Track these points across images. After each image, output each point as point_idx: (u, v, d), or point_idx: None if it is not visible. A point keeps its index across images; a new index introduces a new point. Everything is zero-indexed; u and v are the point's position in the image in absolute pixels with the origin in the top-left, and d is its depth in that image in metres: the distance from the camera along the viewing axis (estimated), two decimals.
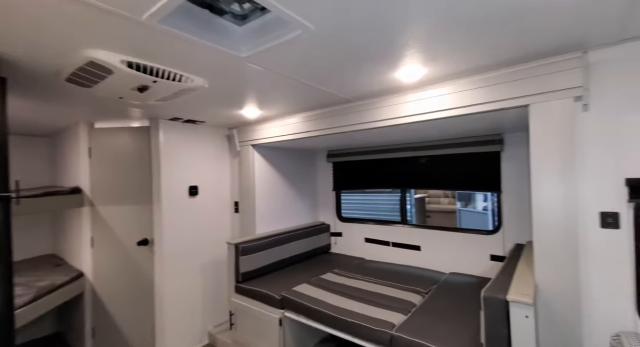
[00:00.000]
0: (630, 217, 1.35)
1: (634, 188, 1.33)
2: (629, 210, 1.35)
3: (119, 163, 2.67)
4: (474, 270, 2.49)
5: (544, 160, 1.43)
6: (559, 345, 1.39)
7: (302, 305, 2.03)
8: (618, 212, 1.37)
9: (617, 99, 1.36)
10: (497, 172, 2.36)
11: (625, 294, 1.35)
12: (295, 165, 3.28)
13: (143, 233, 2.64)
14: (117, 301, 2.64)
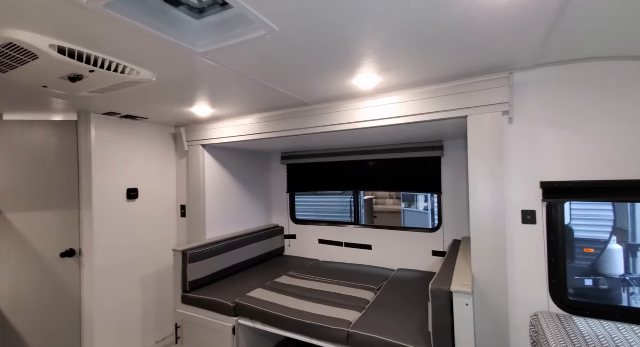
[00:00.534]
0: (544, 214, 1.60)
1: (546, 190, 1.59)
2: (543, 208, 1.60)
3: (36, 162, 2.28)
4: (418, 265, 2.69)
5: (479, 165, 1.62)
6: (490, 326, 1.58)
7: (258, 310, 1.98)
8: (535, 210, 1.62)
9: (534, 115, 1.61)
10: (438, 176, 2.59)
11: (541, 281, 1.59)
12: (248, 167, 3.19)
13: (69, 243, 2.30)
14: (33, 325, 2.24)
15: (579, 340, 1.27)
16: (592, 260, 3.06)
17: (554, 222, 1.57)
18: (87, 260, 2.28)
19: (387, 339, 1.57)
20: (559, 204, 1.58)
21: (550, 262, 1.56)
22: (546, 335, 1.32)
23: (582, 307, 1.50)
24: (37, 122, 2.29)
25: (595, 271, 3.05)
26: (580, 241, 3.15)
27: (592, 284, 3.00)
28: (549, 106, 1.58)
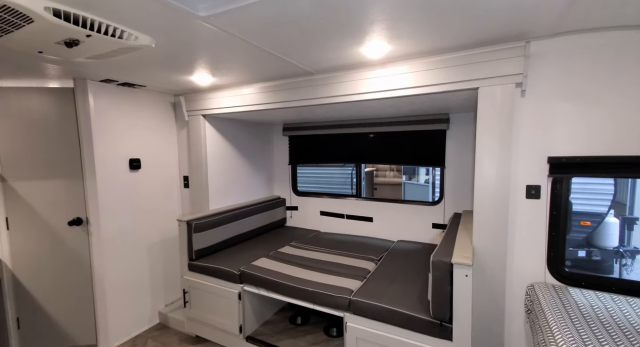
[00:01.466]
0: (549, 189, 1.60)
1: (553, 165, 1.58)
2: (548, 183, 1.60)
3: (35, 130, 2.25)
4: (418, 237, 2.75)
5: (487, 139, 1.59)
6: (487, 296, 1.65)
7: (262, 278, 2.06)
8: (540, 185, 1.62)
9: (547, 87, 1.56)
10: (442, 149, 2.57)
11: (539, 253, 1.63)
12: (250, 138, 3.15)
13: (75, 211, 2.33)
14: (46, 288, 2.35)
15: (573, 309, 1.33)
16: (587, 232, 3.14)
17: (558, 198, 1.58)
18: (95, 228, 2.32)
19: (388, 306, 1.65)
20: (565, 179, 1.58)
21: (551, 235, 1.59)
22: (541, 304, 1.38)
23: (578, 279, 1.55)
24: (33, 89, 2.22)
25: (589, 243, 3.14)
26: (578, 214, 3.21)
27: (585, 255, 3.10)
28: (564, 78, 1.52)
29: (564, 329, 1.17)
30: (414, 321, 1.57)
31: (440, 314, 1.50)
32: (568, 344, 1.07)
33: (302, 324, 2.44)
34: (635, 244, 3.19)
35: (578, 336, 1.13)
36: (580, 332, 1.16)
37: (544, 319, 1.26)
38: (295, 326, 2.41)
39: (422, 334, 1.57)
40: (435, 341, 1.54)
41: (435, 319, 1.52)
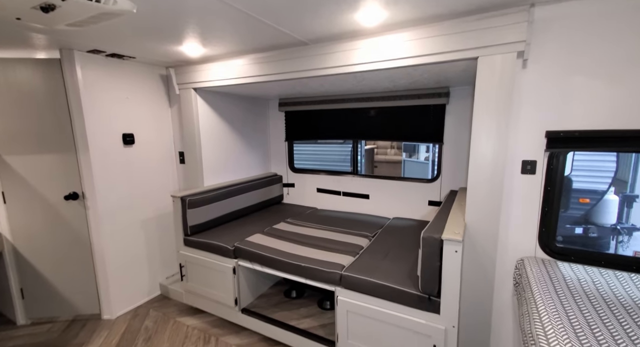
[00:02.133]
0: (544, 164, 1.57)
1: (550, 139, 1.53)
2: (544, 158, 1.57)
3: (25, 104, 2.21)
4: (414, 214, 2.76)
5: (484, 112, 1.53)
6: (477, 270, 1.67)
7: (256, 254, 2.08)
8: (536, 160, 1.58)
9: (551, 57, 1.48)
10: (441, 124, 2.51)
11: (531, 228, 1.62)
12: (245, 113, 3.09)
13: (71, 186, 2.35)
14: (48, 260, 2.41)
15: (559, 282, 1.34)
16: (585, 209, 3.13)
17: (553, 173, 1.55)
18: (92, 203, 2.34)
19: (377, 281, 1.67)
20: (562, 154, 1.54)
21: (544, 211, 1.58)
22: (529, 277, 1.39)
23: (568, 253, 1.55)
24: (19, 62, 2.16)
25: (587, 220, 3.14)
26: (577, 192, 3.18)
27: (581, 232, 3.11)
28: (569, 47, 1.44)
29: (548, 300, 1.18)
30: (402, 295, 1.60)
31: (428, 289, 1.52)
32: (550, 315, 1.08)
33: (297, 297, 2.50)
34: (634, 222, 3.18)
35: (561, 307, 1.14)
36: (564, 303, 1.17)
37: (530, 291, 1.28)
38: (289, 299, 2.47)
39: (411, 307, 1.59)
40: (423, 314, 1.57)
41: (423, 294, 1.54)
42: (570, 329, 1.02)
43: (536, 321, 1.08)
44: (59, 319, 2.49)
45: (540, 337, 0.99)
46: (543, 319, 1.06)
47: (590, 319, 1.08)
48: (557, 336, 0.98)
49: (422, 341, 1.57)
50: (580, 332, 1.01)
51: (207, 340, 2.24)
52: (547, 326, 1.03)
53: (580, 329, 1.02)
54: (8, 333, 2.33)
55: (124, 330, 2.36)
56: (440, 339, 1.52)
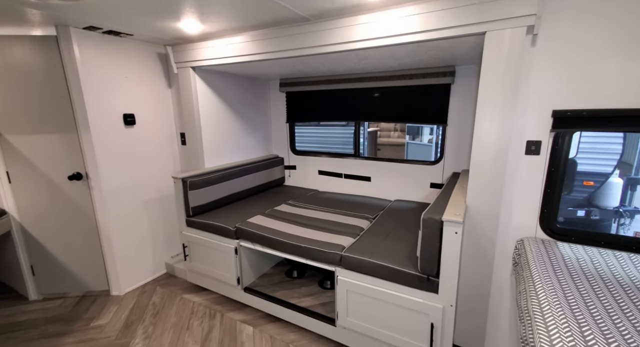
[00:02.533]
0: (549, 145, 1.54)
1: (557, 119, 1.50)
2: (550, 139, 1.54)
3: (23, 82, 2.18)
4: (415, 197, 2.76)
5: (490, 90, 1.48)
6: (477, 251, 1.68)
7: (257, 235, 2.11)
8: (541, 140, 1.56)
9: (562, 33, 1.42)
10: (445, 106, 2.46)
11: (533, 209, 1.62)
12: (246, 94, 3.04)
13: (74, 166, 2.36)
14: (56, 239, 2.47)
15: (558, 261, 1.35)
16: (589, 192, 3.11)
17: (558, 154, 1.53)
18: (95, 183, 2.36)
19: (376, 261, 1.68)
20: (567, 134, 1.51)
21: (546, 192, 1.57)
22: (527, 256, 1.40)
23: (568, 234, 1.56)
24: (15, 38, 2.11)
25: (590, 203, 3.13)
26: (582, 174, 3.15)
27: (584, 214, 3.11)
28: (581, 22, 1.38)
29: (546, 279, 1.19)
30: (401, 275, 1.61)
31: (427, 269, 1.53)
32: (547, 292, 1.10)
33: (298, 277, 2.55)
34: (637, 205, 3.17)
35: (558, 285, 1.15)
36: (562, 282, 1.18)
37: (528, 270, 1.29)
38: (291, 279, 2.52)
39: (409, 287, 1.61)
40: (421, 293, 1.59)
41: (422, 274, 1.56)
42: (567, 305, 1.03)
43: (533, 298, 1.09)
44: (69, 295, 2.57)
45: (536, 313, 1.01)
46: (540, 296, 1.08)
47: (586, 297, 1.10)
48: (553, 311, 0.99)
49: (420, 319, 1.61)
50: (576, 308, 1.02)
51: (212, 315, 2.31)
52: (543, 303, 1.04)
53: (576, 306, 1.04)
54: (21, 308, 2.42)
55: (132, 305, 2.44)
56: (437, 317, 1.55)
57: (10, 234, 2.39)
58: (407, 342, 1.67)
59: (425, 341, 1.62)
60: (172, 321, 2.26)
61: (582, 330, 0.92)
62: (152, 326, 2.21)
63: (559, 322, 0.95)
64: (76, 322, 2.25)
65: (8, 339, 2.09)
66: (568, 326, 0.93)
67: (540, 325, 0.95)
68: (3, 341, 2.07)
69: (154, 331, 2.16)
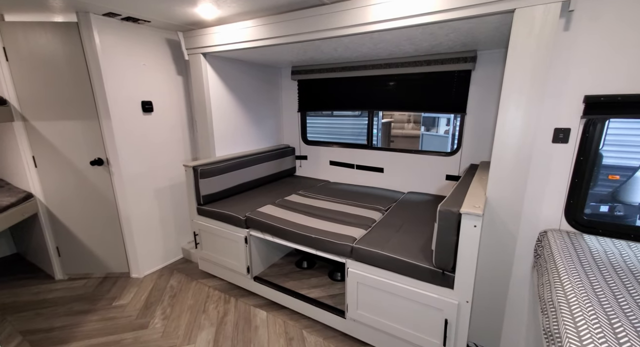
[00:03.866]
0: (579, 132, 1.47)
1: (589, 105, 1.42)
2: (580, 126, 1.46)
3: (47, 69, 2.23)
4: (430, 189, 2.69)
5: (518, 74, 1.37)
6: (496, 245, 1.59)
7: (267, 224, 2.09)
8: (570, 128, 1.48)
9: (600, 11, 1.33)
10: (465, 93, 2.37)
11: (558, 200, 1.56)
12: (257, 82, 3.01)
13: (95, 152, 2.42)
14: (79, 222, 2.56)
15: (584, 253, 1.29)
16: (614, 187, 2.98)
17: (588, 142, 1.46)
18: (116, 169, 2.42)
19: (388, 254, 1.63)
20: (600, 121, 1.43)
21: (573, 182, 1.50)
22: (551, 248, 1.35)
23: (595, 226, 1.50)
24: (39, 24, 2.15)
25: (614, 198, 2.99)
26: (608, 168, 3.02)
27: (607, 210, 2.98)
28: (625, 3, 1.28)
29: (572, 270, 1.15)
30: (414, 268, 1.55)
31: (442, 264, 1.47)
32: (573, 284, 1.06)
33: (308, 268, 2.54)
34: None
35: (585, 277, 1.11)
36: (588, 274, 1.14)
37: (552, 261, 1.24)
38: (301, 270, 2.52)
39: (423, 281, 1.56)
40: (435, 288, 1.53)
41: (437, 268, 1.49)
42: (595, 298, 0.99)
43: (558, 289, 1.06)
44: (92, 276, 2.68)
45: (562, 305, 0.97)
46: (566, 287, 1.04)
47: (616, 290, 1.05)
48: (581, 304, 0.96)
49: (434, 315, 1.56)
50: (605, 301, 0.98)
51: (227, 300, 2.36)
52: (569, 295, 1.01)
53: (605, 299, 0.99)
54: (48, 286, 2.54)
55: (151, 287, 2.52)
56: (452, 313, 1.49)
57: (37, 217, 2.49)
58: (419, 337, 1.62)
59: (438, 337, 1.57)
60: (188, 303, 2.33)
61: (611, 323, 0.88)
62: (170, 307, 2.28)
63: (586, 313, 0.91)
64: (99, 301, 2.35)
65: (37, 314, 2.20)
66: (597, 318, 0.89)
67: (566, 316, 0.92)
68: (32, 316, 2.18)
69: (172, 312, 2.23)
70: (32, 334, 2.02)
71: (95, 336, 2.00)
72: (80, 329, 2.06)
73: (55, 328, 2.07)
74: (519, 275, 1.70)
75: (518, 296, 1.73)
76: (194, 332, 2.03)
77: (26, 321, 2.13)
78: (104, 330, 2.05)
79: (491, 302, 1.70)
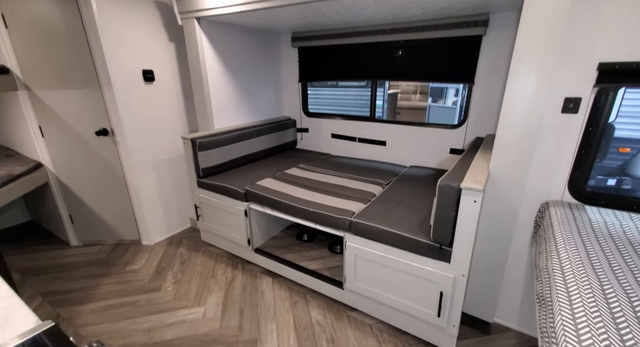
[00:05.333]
0: (590, 102, 1.42)
1: (603, 72, 1.36)
2: (591, 95, 1.41)
3: (46, 36, 2.19)
4: (432, 163, 2.63)
5: (531, 38, 1.30)
6: (496, 219, 1.58)
7: (266, 197, 2.10)
8: (581, 97, 1.43)
9: None
10: (474, 61, 2.25)
11: (562, 172, 1.54)
12: (256, 50, 2.87)
13: (100, 122, 2.43)
14: (89, 191, 2.63)
15: (584, 224, 1.31)
16: (623, 160, 2.93)
17: (599, 112, 1.41)
18: (121, 139, 2.44)
19: (386, 228, 1.63)
20: (612, 90, 1.38)
21: (580, 153, 1.48)
22: (551, 218, 1.37)
23: (598, 197, 1.49)
24: None
25: (623, 171, 2.96)
26: (619, 140, 2.95)
27: (614, 183, 2.96)
28: None
29: (569, 239, 1.16)
30: (411, 243, 1.56)
31: (440, 239, 1.46)
32: (569, 252, 1.08)
33: (308, 240, 2.56)
34: None
35: (582, 245, 1.13)
36: (586, 242, 1.16)
37: (551, 231, 1.26)
38: (301, 242, 2.54)
39: (419, 255, 1.56)
40: (432, 262, 1.54)
41: (434, 243, 1.49)
42: (589, 265, 1.02)
43: (554, 257, 1.08)
44: (105, 243, 2.80)
45: (556, 271, 1.00)
46: (561, 254, 1.06)
47: (611, 258, 1.07)
48: (574, 269, 0.98)
49: (429, 287, 1.57)
50: (599, 269, 1.01)
51: (234, 266, 2.47)
52: (564, 261, 1.03)
53: (599, 266, 1.02)
54: (64, 252, 2.67)
55: (162, 254, 2.64)
56: (448, 286, 1.50)
57: (48, 186, 2.56)
58: (413, 308, 1.66)
59: (433, 308, 1.60)
60: (198, 269, 2.44)
61: (603, 288, 0.91)
62: (180, 272, 2.40)
63: (579, 279, 0.94)
64: (113, 266, 2.48)
65: (55, 278, 2.34)
66: (589, 284, 0.92)
67: (559, 280, 0.95)
68: (50, 279, 2.32)
69: (182, 277, 2.35)
70: (52, 295, 2.16)
71: (111, 297, 2.13)
72: (96, 291, 2.19)
73: (74, 290, 2.21)
74: (518, 246, 1.73)
75: (515, 266, 1.77)
76: (203, 295, 2.15)
77: (45, 284, 2.27)
78: (119, 292, 2.18)
79: (488, 274, 1.70)
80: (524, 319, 1.83)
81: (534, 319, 1.79)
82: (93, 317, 1.96)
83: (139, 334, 1.83)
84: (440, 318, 1.58)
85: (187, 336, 1.82)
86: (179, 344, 1.77)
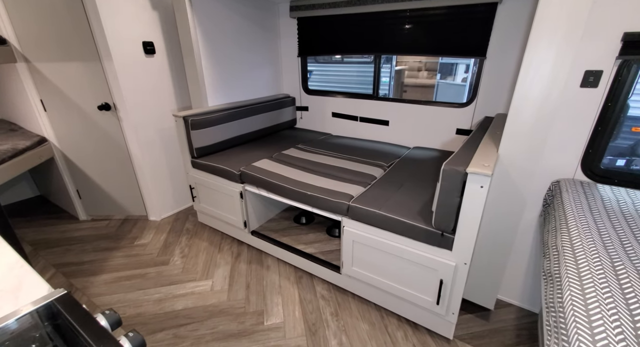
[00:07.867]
0: (612, 75, 1.35)
1: (628, 43, 1.29)
2: (613, 68, 1.34)
3: (42, 5, 2.10)
4: (437, 144, 2.54)
5: (553, 6, 1.18)
6: (504, 204, 1.53)
7: (261, 179, 2.04)
8: (602, 70, 1.36)
9: None
10: (487, 33, 2.13)
11: (576, 149, 1.50)
12: (252, 22, 2.70)
13: (101, 97, 2.38)
14: (95, 166, 2.63)
15: (596, 201, 1.28)
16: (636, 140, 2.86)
17: (620, 85, 1.35)
18: (124, 114, 2.40)
19: (386, 214, 1.56)
20: (636, 62, 1.31)
21: (596, 130, 1.43)
22: (562, 196, 1.34)
23: (611, 176, 1.46)
24: None
25: (633, 152, 2.89)
26: (633, 119, 2.86)
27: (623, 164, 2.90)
28: None
29: (580, 216, 1.15)
30: (411, 229, 1.49)
31: (442, 226, 1.39)
32: (580, 229, 1.07)
33: (306, 223, 2.52)
34: None
35: (593, 223, 1.11)
36: (597, 220, 1.14)
37: (561, 209, 1.24)
38: (299, 225, 2.50)
39: (420, 241, 1.50)
40: (433, 249, 1.48)
41: (436, 230, 1.42)
42: (600, 243, 1.01)
43: (564, 234, 1.07)
44: (113, 217, 2.85)
45: (566, 248, 0.99)
46: (572, 231, 1.05)
47: (623, 236, 1.06)
48: (585, 247, 0.97)
49: (429, 274, 1.52)
50: (609, 245, 1.00)
51: (240, 242, 2.51)
52: (574, 238, 1.02)
53: (610, 244, 1.01)
54: (74, 226, 2.73)
55: (169, 229, 2.68)
56: (448, 274, 1.45)
57: (54, 161, 2.57)
58: (412, 294, 1.62)
59: (432, 296, 1.56)
60: (204, 244, 2.48)
61: (614, 264, 0.91)
62: (187, 247, 2.45)
63: (589, 255, 0.93)
64: (122, 240, 2.53)
65: (66, 250, 2.40)
66: (599, 259, 0.91)
67: (569, 257, 0.94)
68: (62, 252, 2.38)
69: (189, 251, 2.40)
70: (64, 267, 2.22)
71: (122, 270, 2.19)
72: (108, 263, 2.25)
73: (85, 262, 2.27)
74: (524, 225, 1.71)
75: (520, 244, 1.76)
76: (211, 269, 2.20)
77: (57, 256, 2.33)
78: (130, 265, 2.24)
79: (491, 260, 1.66)
80: (525, 295, 1.86)
81: (536, 295, 1.82)
82: (105, 288, 2.02)
83: (150, 304, 1.90)
84: (439, 306, 1.55)
85: (196, 306, 1.88)
86: (189, 313, 1.83)
